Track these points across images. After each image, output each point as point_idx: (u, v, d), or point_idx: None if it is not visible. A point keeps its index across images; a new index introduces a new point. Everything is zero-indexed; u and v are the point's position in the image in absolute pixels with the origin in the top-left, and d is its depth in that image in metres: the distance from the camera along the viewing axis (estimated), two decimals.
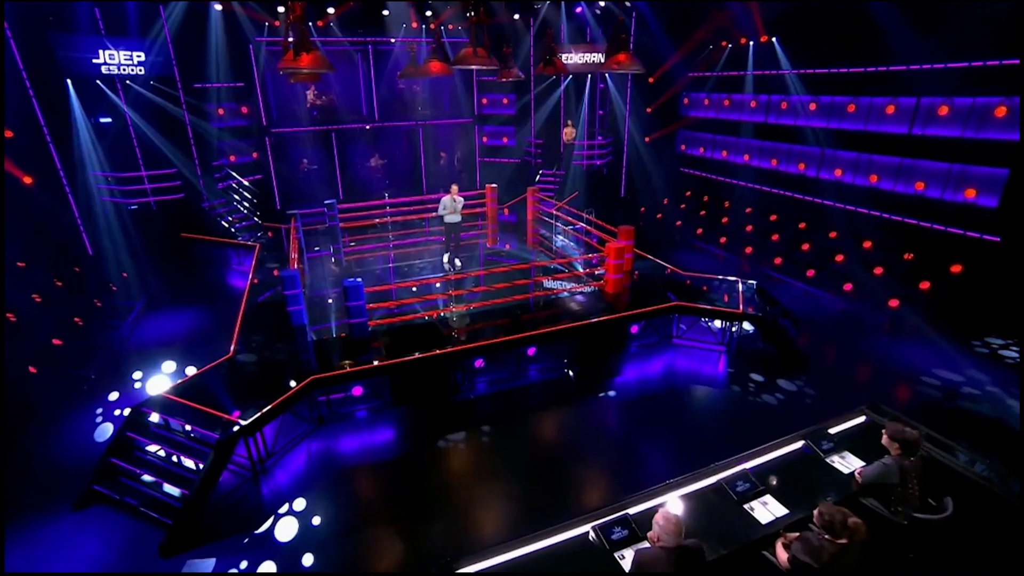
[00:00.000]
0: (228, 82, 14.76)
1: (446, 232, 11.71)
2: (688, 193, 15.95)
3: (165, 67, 13.19)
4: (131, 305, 10.46)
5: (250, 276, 10.49)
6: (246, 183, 14.76)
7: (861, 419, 5.54)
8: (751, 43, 13.05)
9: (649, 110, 16.47)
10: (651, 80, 16.22)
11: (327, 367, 7.47)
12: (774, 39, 12.44)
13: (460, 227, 11.72)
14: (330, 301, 10.35)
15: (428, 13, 14.42)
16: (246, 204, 14.30)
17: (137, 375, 8.41)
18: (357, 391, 7.99)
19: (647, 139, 16.83)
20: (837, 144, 11.89)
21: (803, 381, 8.35)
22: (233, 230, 13.20)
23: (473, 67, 8.75)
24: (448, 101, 17.75)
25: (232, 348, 7.84)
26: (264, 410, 6.53)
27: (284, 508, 6.11)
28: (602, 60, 16.02)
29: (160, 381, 8.25)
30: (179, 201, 12.94)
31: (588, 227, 11.82)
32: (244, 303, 9.22)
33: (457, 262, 11.83)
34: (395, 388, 7.96)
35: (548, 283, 10.86)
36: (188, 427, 6.26)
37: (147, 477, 6.09)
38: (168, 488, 5.99)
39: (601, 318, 8.89)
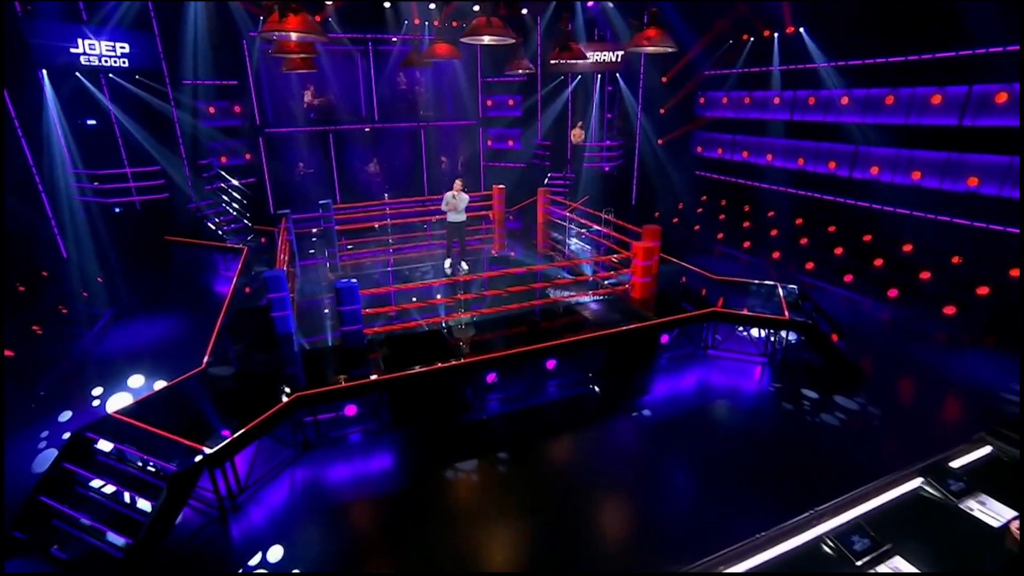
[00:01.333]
0: (220, 79, 13.64)
1: (448, 233, 10.43)
2: (704, 198, 14.81)
3: (152, 60, 12.04)
4: (100, 313, 9.17)
5: (234, 281, 9.23)
6: (236, 183, 13.55)
7: (985, 450, 4.28)
8: (775, 35, 11.98)
9: (662, 111, 15.39)
10: (664, 80, 15.18)
11: (316, 381, 6.20)
12: (802, 30, 11.37)
13: (464, 228, 10.45)
14: (326, 311, 9.08)
15: (432, 6, 13.34)
16: (236, 206, 13.08)
17: (97, 391, 7.10)
18: (350, 410, 6.71)
19: (660, 141, 15.73)
20: (873, 140, 10.76)
21: (863, 398, 7.10)
22: (221, 233, 11.96)
23: (486, 39, 7.58)
24: (451, 102, 16.65)
25: (205, 360, 6.55)
26: (236, 434, 5.25)
27: (256, 558, 4.79)
28: (616, 59, 15.01)
29: (122, 398, 6.94)
30: (163, 202, 11.71)
31: (607, 229, 10.64)
32: (224, 310, 7.96)
33: (464, 266, 10.57)
34: (395, 407, 6.68)
35: (558, 291, 9.62)
36: (141, 457, 4.96)
37: (86, 521, 4.78)
38: (112, 537, 4.68)
39: (631, 326, 7.64)
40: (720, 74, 14.02)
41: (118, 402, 6.77)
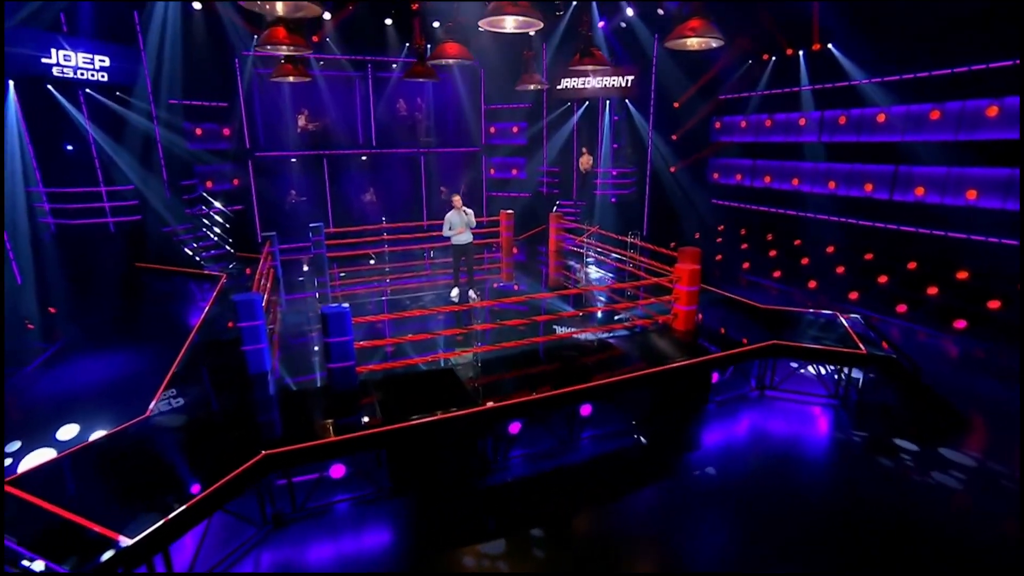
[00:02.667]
0: (209, 100, 12.39)
1: (454, 258, 8.94)
2: (722, 227, 13.59)
3: (134, 76, 10.79)
4: (44, 347, 7.52)
5: (205, 311, 7.67)
6: (218, 205, 12.11)
7: None
8: (801, 53, 11.00)
9: (675, 137, 14.32)
10: (676, 105, 14.17)
11: (294, 434, 4.61)
12: (830, 45, 10.38)
13: (472, 250, 8.99)
14: (315, 348, 7.50)
15: (436, 24, 12.30)
16: (218, 231, 11.59)
17: (12, 446, 5.42)
18: (337, 471, 5.09)
19: (673, 169, 14.58)
20: (917, 159, 9.61)
21: (975, 451, 5.58)
22: (199, 259, 10.43)
23: (507, 19, 6.33)
24: (453, 128, 15.53)
25: (152, 406, 4.94)
26: (173, 514, 3.62)
27: None
28: (626, 84, 14.01)
29: (42, 455, 5.26)
30: (135, 224, 10.21)
31: (633, 254, 9.27)
32: (187, 345, 6.38)
33: (473, 294, 9.06)
34: (395, 467, 5.08)
35: (587, 321, 8.14)
36: (22, 554, 3.31)
37: None
38: None
39: (682, 362, 6.15)
40: (737, 97, 13.01)
41: (35, 460, 5.09)
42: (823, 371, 6.98)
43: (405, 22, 12.83)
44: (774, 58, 11.73)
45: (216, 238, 11.34)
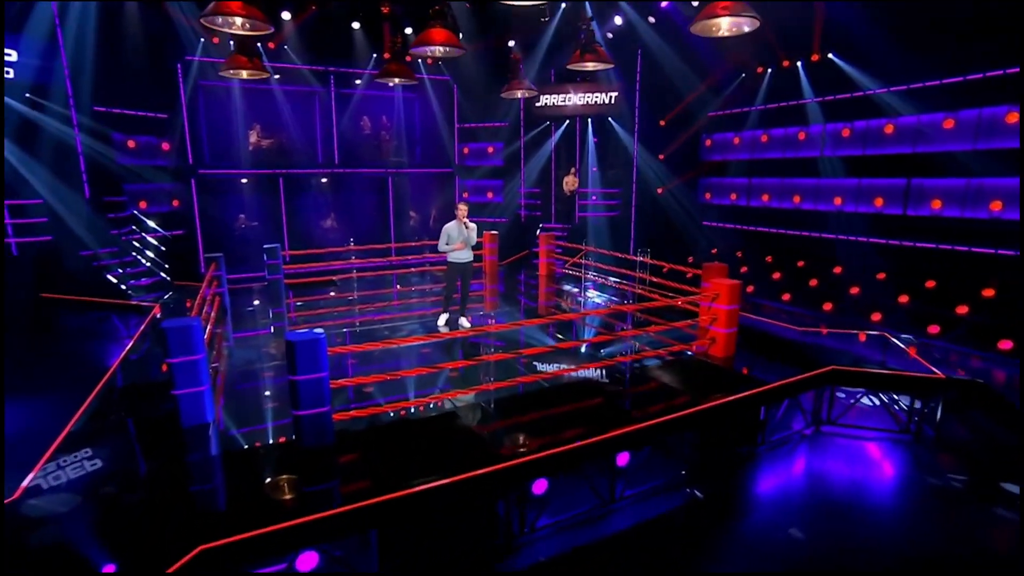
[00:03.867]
0: (145, 109, 10.98)
1: (448, 279, 7.74)
2: (715, 251, 12.90)
3: (49, 75, 9.32)
4: None
5: (126, 348, 6.15)
6: (152, 224, 10.56)
7: None
8: (799, 64, 10.62)
9: (662, 157, 13.75)
10: (663, 123, 13.65)
11: (245, 515, 3.24)
12: (831, 55, 10.02)
13: (471, 272, 7.82)
14: (266, 393, 6.06)
15: (408, 31, 11.39)
16: (151, 254, 10.01)
17: None
18: (308, 561, 3.68)
19: (660, 190, 13.97)
20: (925, 172, 9.19)
21: None
22: (125, 287, 8.82)
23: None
24: (423, 148, 14.54)
25: (26, 482, 3.47)
26: None
27: None
28: (609, 100, 13.46)
29: None
30: (45, 246, 8.57)
31: (642, 274, 8.35)
32: (97, 391, 4.89)
33: (465, 322, 7.81)
34: (388, 551, 3.72)
35: (612, 349, 7.04)
36: None
37: None
38: None
39: (734, 395, 5.10)
40: (730, 114, 12.57)
41: None
42: (880, 400, 6.08)
43: (375, 27, 11.88)
44: (770, 70, 11.33)
45: (148, 264, 9.74)
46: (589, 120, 14.05)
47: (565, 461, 4.29)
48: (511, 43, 12.92)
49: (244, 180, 12.68)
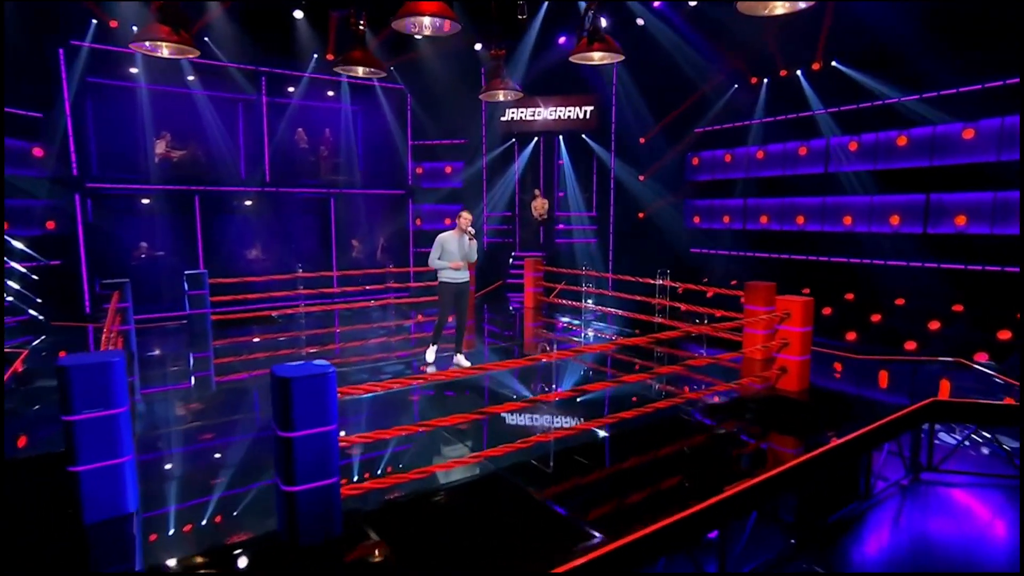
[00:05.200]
0: (13, 105, 9.28)
1: (442, 303, 6.65)
2: (706, 279, 12.53)
3: None
4: None
5: None
6: (18, 246, 8.75)
7: None
8: (799, 73, 10.67)
9: (642, 178, 13.47)
10: (643, 140, 13.44)
11: None
12: (834, 62, 10.11)
13: (467, 295, 6.78)
14: (215, 456, 4.61)
15: (362, 25, 10.45)
16: (15, 285, 8.18)
17: None
18: None
19: (641, 215, 13.62)
20: (945, 187, 9.25)
21: None
22: None
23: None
24: (371, 166, 13.44)
25: None
26: None
27: None
28: (585, 116, 13.15)
29: None
30: None
31: (662, 300, 7.64)
32: None
33: (463, 360, 6.65)
34: None
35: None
36: None
37: None
38: None
39: (836, 441, 4.34)
40: (720, 129, 12.49)
41: None
42: (985, 438, 5.53)
43: (320, 18, 10.91)
44: (766, 80, 11.35)
45: (11, 298, 7.90)
46: (560, 137, 13.67)
47: (665, 543, 3.27)
48: (478, 46, 12.38)
49: (146, 200, 11.04)
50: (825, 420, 4.99)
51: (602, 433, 4.66)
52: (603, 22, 7.61)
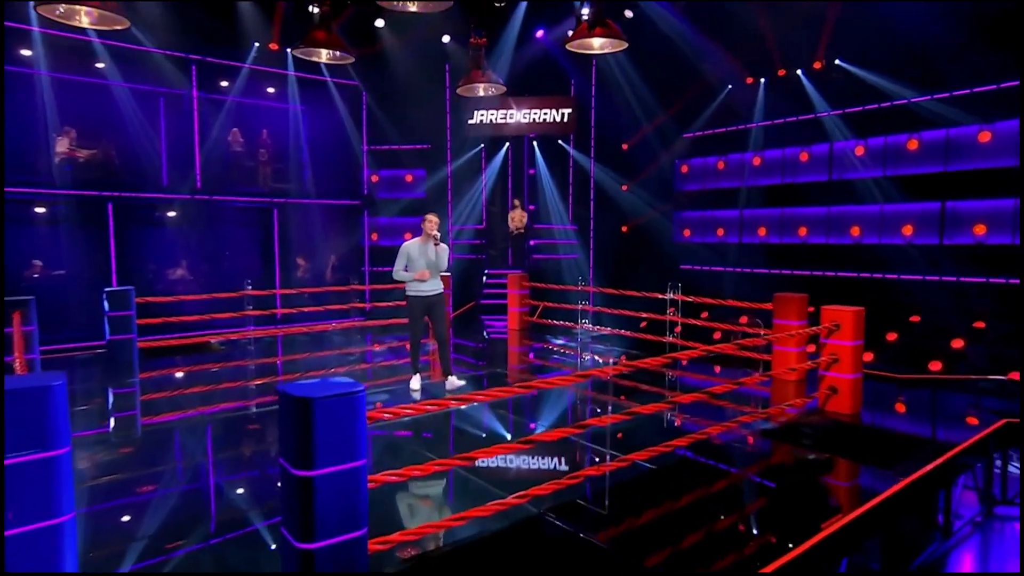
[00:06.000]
0: None
1: (412, 322, 6.46)
2: (673, 309, 12.55)
3: None
4: None
5: None
6: None
7: None
8: (799, 72, 10.89)
9: (625, 188, 13.50)
10: (625, 147, 13.49)
11: None
12: (838, 61, 10.36)
13: (441, 307, 6.52)
14: (151, 514, 3.95)
15: (315, 9, 10.04)
16: None
17: None
18: None
19: (624, 228, 13.61)
20: (961, 194, 9.52)
21: None
22: None
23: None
24: (323, 171, 12.90)
25: None
26: None
27: None
28: (563, 119, 13.13)
29: None
30: None
31: (675, 316, 7.47)
32: None
33: (456, 380, 6.31)
34: None
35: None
36: None
37: None
38: None
39: (916, 474, 4.19)
40: (713, 134, 12.62)
41: None
42: None
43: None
44: (764, 80, 11.56)
45: None
46: (535, 142, 13.60)
47: None
48: (446, 38, 12.17)
49: (41, 208, 10.19)
50: (894, 448, 4.83)
51: (648, 466, 4.31)
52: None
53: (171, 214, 11.35)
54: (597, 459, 4.29)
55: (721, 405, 6.19)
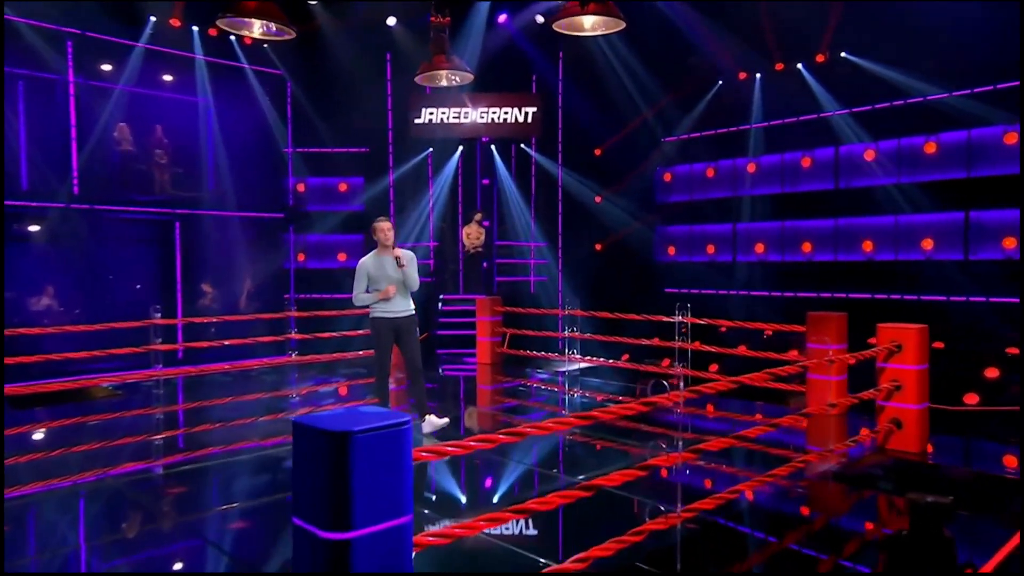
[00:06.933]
0: None
1: (378, 349, 6.31)
2: (685, 329, 12.54)
3: None
4: None
5: None
6: None
7: None
8: (800, 66, 11.17)
9: (599, 199, 13.58)
10: (598, 152, 13.63)
11: None
12: (844, 53, 10.66)
13: (412, 331, 6.36)
14: None
15: None
16: None
17: None
18: None
19: (599, 246, 13.64)
20: (986, 202, 9.86)
21: None
22: None
23: None
24: (232, 178, 12.38)
25: None
26: None
27: None
28: (526, 119, 13.10)
29: None
30: None
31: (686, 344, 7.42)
32: None
33: (436, 420, 6.24)
34: None
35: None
36: None
37: None
38: None
39: None
40: (700, 137, 12.80)
41: None
42: None
43: None
44: (759, 76, 11.80)
45: None
46: (493, 147, 13.57)
47: None
48: (391, 20, 11.95)
49: None
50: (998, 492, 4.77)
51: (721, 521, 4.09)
52: None
53: (33, 228, 10.57)
54: (662, 508, 4.00)
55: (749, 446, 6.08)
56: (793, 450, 6.07)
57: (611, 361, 9.13)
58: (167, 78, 11.97)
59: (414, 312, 6.34)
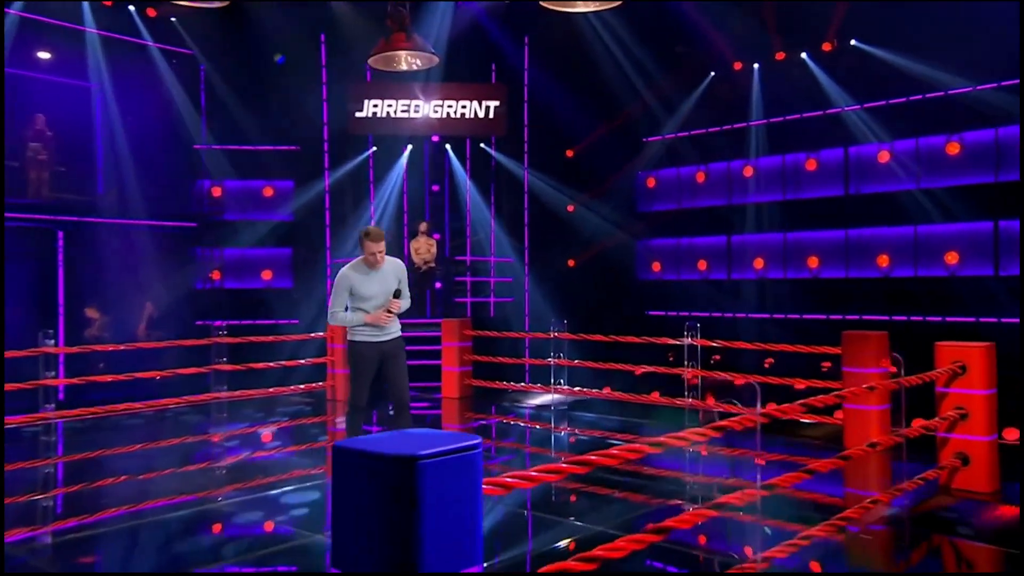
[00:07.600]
0: None
1: (357, 372, 6.01)
2: (671, 355, 12.66)
3: None
4: None
5: None
6: None
7: None
8: (804, 55, 11.38)
9: (571, 208, 13.72)
10: (570, 154, 13.77)
11: None
12: (854, 41, 10.91)
13: (400, 358, 6.06)
14: None
15: None
16: None
17: None
18: None
19: (571, 262, 13.73)
20: (1016, 211, 10.13)
21: None
22: None
23: None
24: (131, 179, 12.08)
25: None
26: None
27: None
28: (488, 115, 13.29)
29: None
30: None
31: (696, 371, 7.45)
32: None
33: None
34: None
35: None
36: None
37: None
38: None
39: None
40: (688, 136, 12.99)
41: None
42: None
43: None
44: (757, 66, 11.98)
45: None
46: (447, 145, 13.69)
47: None
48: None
49: None
50: None
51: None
52: None
53: None
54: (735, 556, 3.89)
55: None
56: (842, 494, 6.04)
57: (629, 395, 9.10)
58: (46, 56, 11.58)
59: (399, 335, 6.09)
